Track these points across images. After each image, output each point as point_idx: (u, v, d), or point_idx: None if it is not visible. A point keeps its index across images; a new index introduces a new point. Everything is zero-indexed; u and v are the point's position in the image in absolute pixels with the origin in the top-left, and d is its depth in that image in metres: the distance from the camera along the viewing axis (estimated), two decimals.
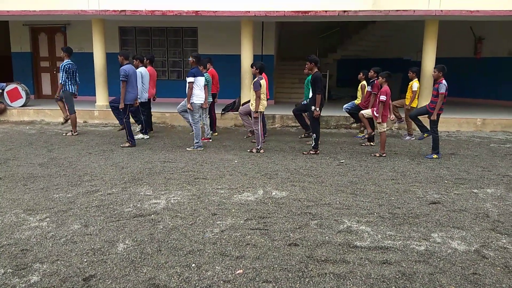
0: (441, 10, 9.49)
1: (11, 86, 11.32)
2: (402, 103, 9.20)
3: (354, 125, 9.80)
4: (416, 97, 8.91)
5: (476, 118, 10.35)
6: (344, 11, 9.66)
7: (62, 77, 8.60)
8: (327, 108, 11.56)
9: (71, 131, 9.06)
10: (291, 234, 3.89)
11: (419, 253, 3.54)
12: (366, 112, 7.93)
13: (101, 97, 11.16)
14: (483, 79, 13.88)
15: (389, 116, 7.36)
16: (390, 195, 5.10)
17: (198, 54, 7.89)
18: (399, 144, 8.51)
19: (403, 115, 9.40)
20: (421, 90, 10.32)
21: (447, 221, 4.26)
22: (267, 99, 7.81)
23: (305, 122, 8.75)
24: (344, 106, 9.45)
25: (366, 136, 8.27)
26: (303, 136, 8.86)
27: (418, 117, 8.39)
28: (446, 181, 5.73)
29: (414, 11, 9.57)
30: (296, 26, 15.27)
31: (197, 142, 7.66)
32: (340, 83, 17.13)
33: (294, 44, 16.31)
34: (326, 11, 9.72)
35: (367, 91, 8.46)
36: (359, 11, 9.69)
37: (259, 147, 7.45)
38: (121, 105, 7.69)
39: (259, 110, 7.26)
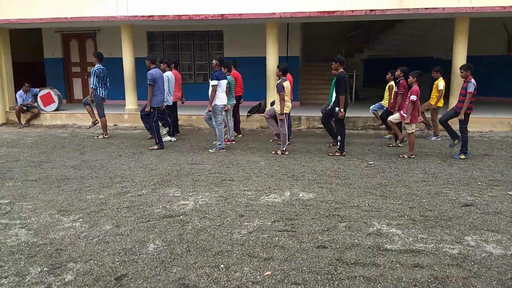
0: (472, 7, 9.21)
1: (44, 91, 11.73)
2: (427, 107, 8.94)
3: (382, 126, 9.56)
4: (442, 96, 8.65)
5: (510, 117, 9.98)
6: (371, 10, 9.53)
7: (93, 82, 8.85)
8: (355, 109, 11.44)
9: (102, 134, 9.31)
10: (319, 236, 3.85)
11: (452, 256, 3.44)
12: (394, 118, 7.71)
13: (130, 101, 11.41)
14: None
15: (418, 116, 7.18)
16: (421, 197, 4.98)
17: (221, 57, 7.96)
18: (428, 145, 8.30)
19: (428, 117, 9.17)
20: (453, 89, 10.06)
21: (481, 224, 4.13)
22: (291, 100, 7.79)
23: (332, 130, 8.46)
24: (371, 107, 9.31)
25: (398, 143, 7.97)
26: (331, 145, 8.48)
27: (448, 122, 8.09)
28: (479, 183, 5.55)
29: (443, 8, 9.33)
30: (322, 27, 15.17)
31: (219, 144, 7.71)
32: (367, 83, 16.89)
33: (319, 45, 16.20)
34: (352, 10, 9.61)
35: (394, 92, 8.28)
36: (386, 9, 9.52)
37: (284, 149, 7.44)
38: (147, 108, 7.84)
39: (284, 112, 7.25)
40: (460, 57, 9.94)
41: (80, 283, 3.08)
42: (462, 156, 6.95)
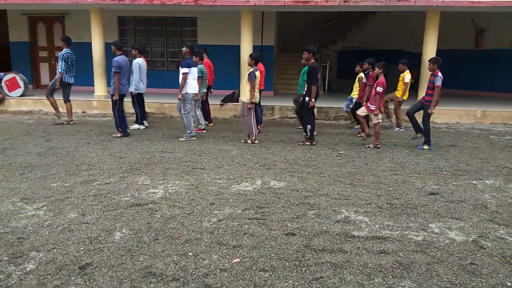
0: (443, 1, 9.41)
1: (10, 76, 11.26)
2: (392, 97, 9.10)
3: (355, 125, 9.42)
4: (408, 89, 8.82)
5: (476, 110, 10.31)
6: (345, 1, 9.58)
7: (61, 66, 8.54)
8: (327, 100, 11.55)
9: (66, 120, 9.03)
10: (288, 224, 3.88)
11: (416, 243, 3.53)
12: (362, 111, 7.62)
13: (100, 87, 11.11)
14: (484, 71, 13.81)
15: (382, 107, 7.29)
16: (389, 185, 5.08)
17: (192, 45, 7.81)
18: (396, 135, 8.48)
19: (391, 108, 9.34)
20: (422, 82, 10.27)
21: (445, 212, 4.25)
22: (262, 90, 7.78)
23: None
24: (344, 105, 9.39)
25: (364, 137, 7.94)
26: (303, 141, 8.26)
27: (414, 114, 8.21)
28: (445, 172, 5.72)
29: (415, 1, 9.49)
30: (296, 17, 15.16)
31: (189, 133, 7.62)
32: (340, 75, 17.06)
33: (294, 35, 16.20)
34: (326, 0, 9.64)
35: (362, 82, 8.36)
36: (360, 1, 9.60)
37: (253, 138, 7.42)
38: (116, 97, 7.63)
39: (254, 101, 7.23)
40: (430, 51, 10.15)
41: (42, 272, 2.98)
42: (426, 147, 7.14)
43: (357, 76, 8.75)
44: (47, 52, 13.85)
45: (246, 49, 10.49)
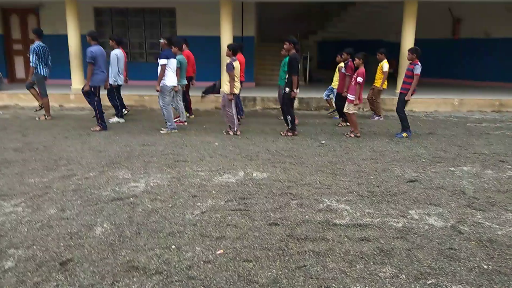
0: None
1: None
2: (374, 94, 9.14)
3: (333, 114, 9.38)
4: (386, 78, 8.91)
5: (454, 98, 10.51)
6: None
7: (33, 60, 8.30)
8: (308, 90, 11.59)
9: (44, 115, 8.81)
10: (271, 214, 3.89)
11: (396, 229, 3.60)
12: (349, 108, 7.27)
13: (77, 80, 10.86)
14: (461, 60, 14.07)
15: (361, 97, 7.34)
16: (369, 174, 5.15)
17: (170, 36, 7.70)
18: (375, 124, 8.59)
19: (366, 96, 9.38)
20: (401, 72, 10.38)
21: (424, 199, 4.34)
22: (242, 82, 7.73)
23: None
24: (324, 94, 9.43)
25: (352, 136, 7.74)
26: (284, 132, 8.06)
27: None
28: (423, 160, 5.82)
29: None
30: (276, 8, 15.10)
31: (170, 125, 7.54)
32: (321, 65, 17.13)
33: (274, 26, 16.15)
34: None
35: (341, 73, 8.35)
36: None
37: (235, 129, 7.40)
38: (86, 87, 7.48)
39: (233, 92, 7.19)
40: (408, 40, 10.27)
41: (21, 270, 2.93)
42: (404, 134, 7.24)
43: (337, 66, 8.79)
44: (22, 45, 13.44)
45: (226, 40, 10.39)
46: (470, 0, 10.81)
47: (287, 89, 7.12)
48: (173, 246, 3.27)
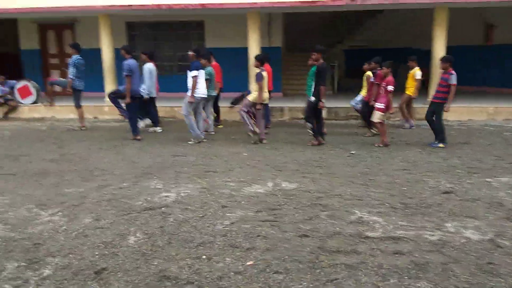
0: None
1: (22, 84, 11.41)
2: (405, 100, 8.98)
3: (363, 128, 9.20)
4: (419, 86, 8.74)
5: (489, 106, 10.18)
6: (352, 0, 9.54)
7: (72, 72, 8.65)
8: (337, 100, 11.49)
9: (79, 126, 9.13)
10: (301, 226, 3.86)
11: (432, 243, 3.50)
12: (376, 117, 7.18)
13: None
14: (495, 67, 13.63)
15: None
16: (402, 185, 5.04)
17: (198, 48, 7.86)
18: (407, 134, 8.41)
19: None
20: (431, 80, 10.17)
21: (460, 211, 4.20)
22: (270, 91, 7.81)
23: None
24: (351, 102, 9.29)
25: (381, 145, 7.60)
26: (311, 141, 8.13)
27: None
28: (458, 171, 5.65)
29: None
30: (303, 17, 15.12)
31: (193, 132, 7.61)
32: (348, 74, 16.99)
33: (301, 35, 16.18)
34: (333, 0, 9.60)
35: (370, 82, 8.30)
36: None
37: (252, 129, 7.44)
38: (128, 100, 7.70)
39: (262, 102, 7.25)
40: (439, 48, 10.06)
41: (58, 278, 3.02)
42: (441, 145, 7.06)
43: (365, 75, 8.70)
44: (58, 59, 14.01)
45: (253, 51, 10.48)
46: (502, 5, 10.48)
47: (312, 98, 7.09)
48: (203, 257, 3.30)
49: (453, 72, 6.86)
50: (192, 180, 5.34)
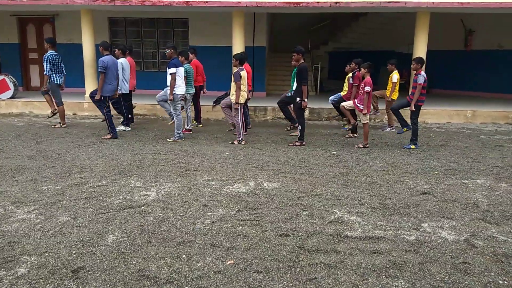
0: (433, 2, 9.49)
1: None
2: (382, 94, 9.19)
3: (337, 118, 9.63)
4: (397, 89, 8.90)
5: (467, 110, 10.41)
6: (336, 2, 9.63)
7: (47, 69, 8.46)
8: (319, 101, 11.59)
9: (60, 123, 8.95)
10: (282, 225, 3.88)
11: (409, 242, 3.55)
12: (347, 104, 7.89)
13: (91, 89, 10.94)
14: (474, 72, 13.96)
15: (370, 107, 7.43)
16: (381, 186, 5.11)
17: (174, 45, 7.84)
18: (387, 135, 8.54)
19: (381, 107, 9.43)
20: (411, 82, 10.33)
21: (437, 211, 4.28)
22: (250, 91, 7.84)
23: (290, 114, 8.62)
24: (330, 98, 9.43)
25: (350, 127, 8.24)
26: (289, 128, 8.82)
27: (400, 110, 8.29)
28: (436, 172, 5.76)
29: (405, 2, 9.56)
30: (288, 18, 15.20)
31: (178, 133, 7.62)
32: (332, 75, 17.13)
33: (286, 36, 16.24)
34: (317, 2, 9.67)
35: (349, 83, 8.48)
36: (351, 2, 9.65)
37: (240, 139, 7.45)
38: (98, 96, 7.60)
39: (239, 102, 7.25)
40: (420, 51, 10.23)
41: (34, 277, 2.95)
42: (412, 146, 7.22)
43: (346, 76, 8.82)
44: (37, 53, 13.70)
45: (237, 50, 10.46)
46: (482, 11, 10.74)
47: (298, 99, 7.14)
48: (183, 256, 3.28)
49: (422, 73, 7.05)
50: (173, 178, 5.30)
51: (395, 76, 8.76)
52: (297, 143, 7.36)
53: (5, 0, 10.14)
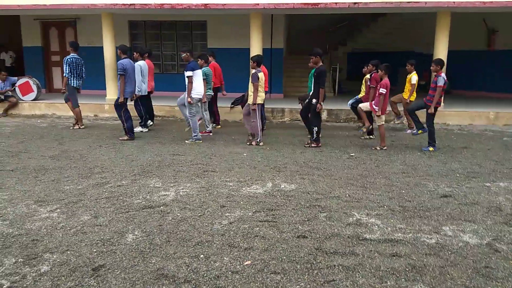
0: (454, 2, 9.33)
1: (23, 80, 11.42)
2: (400, 99, 9.05)
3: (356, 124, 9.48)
4: (415, 90, 8.75)
5: (489, 111, 10.18)
6: (355, 3, 9.56)
7: (66, 71, 8.65)
8: (337, 102, 11.51)
9: (77, 124, 9.12)
10: (299, 226, 3.87)
11: (429, 246, 3.50)
12: (364, 106, 7.76)
13: (111, 91, 11.23)
14: (496, 72, 13.63)
15: (386, 109, 7.33)
16: (401, 188, 5.04)
17: (191, 49, 7.92)
18: (406, 137, 8.42)
19: (401, 110, 9.29)
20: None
21: (459, 215, 4.20)
22: (266, 92, 7.86)
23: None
24: (349, 102, 9.33)
25: (364, 130, 8.08)
26: (308, 142, 8.43)
27: (416, 112, 8.16)
28: (457, 175, 5.65)
29: (425, 2, 9.42)
30: (306, 19, 15.15)
31: (195, 135, 7.68)
32: (350, 77, 16.99)
33: (303, 38, 16.21)
34: (336, 3, 9.62)
35: (366, 84, 8.33)
36: (369, 2, 9.57)
37: (258, 140, 7.44)
38: (121, 99, 7.73)
39: (257, 102, 7.26)
40: (441, 52, 10.07)
41: (56, 274, 3.02)
42: (431, 149, 7.09)
43: (364, 78, 8.72)
44: (59, 56, 14.01)
45: (255, 52, 10.49)
46: (506, 10, 10.49)
47: (314, 101, 7.11)
48: (201, 256, 3.30)
49: (442, 74, 6.91)
50: (191, 179, 5.34)
51: (414, 78, 8.63)
52: (313, 145, 7.33)
53: (28, 4, 10.41)
